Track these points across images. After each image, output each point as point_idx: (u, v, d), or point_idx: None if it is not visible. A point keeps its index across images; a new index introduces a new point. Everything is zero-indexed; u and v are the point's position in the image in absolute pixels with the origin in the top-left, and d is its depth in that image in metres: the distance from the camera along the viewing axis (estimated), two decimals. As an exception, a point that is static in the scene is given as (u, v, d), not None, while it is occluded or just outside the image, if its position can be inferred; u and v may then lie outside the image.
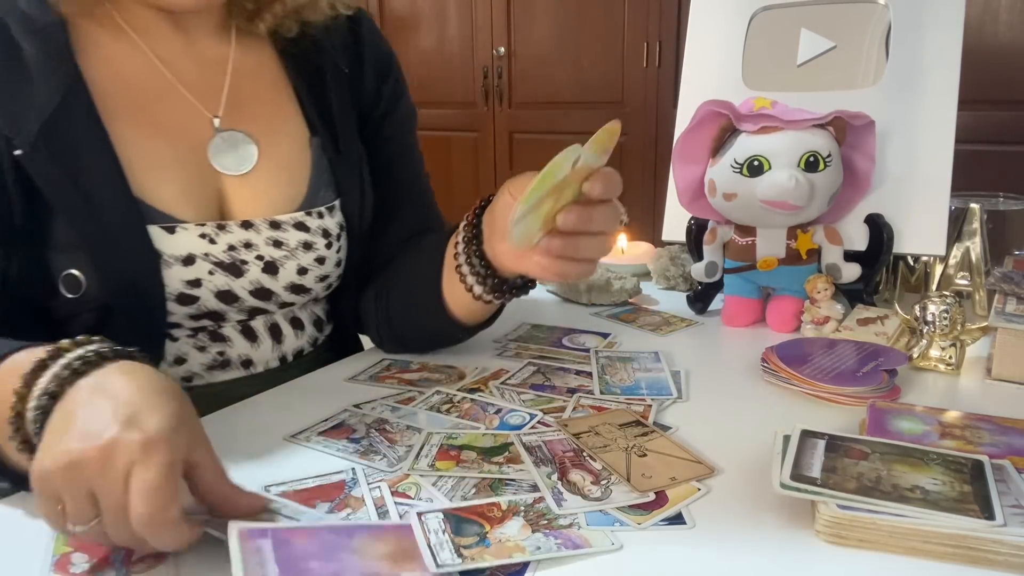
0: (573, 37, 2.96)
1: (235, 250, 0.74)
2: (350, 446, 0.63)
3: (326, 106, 0.82)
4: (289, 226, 0.77)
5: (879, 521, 0.48)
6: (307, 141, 0.81)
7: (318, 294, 0.82)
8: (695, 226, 0.96)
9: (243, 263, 0.74)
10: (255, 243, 0.75)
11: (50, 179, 0.65)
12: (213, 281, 0.73)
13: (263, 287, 0.76)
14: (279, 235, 0.77)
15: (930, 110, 0.92)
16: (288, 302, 0.79)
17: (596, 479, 0.57)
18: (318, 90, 0.82)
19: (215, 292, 0.73)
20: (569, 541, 0.50)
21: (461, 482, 0.57)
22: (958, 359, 0.77)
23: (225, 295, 0.74)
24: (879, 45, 0.97)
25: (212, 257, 0.72)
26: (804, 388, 0.72)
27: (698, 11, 1.07)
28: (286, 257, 0.77)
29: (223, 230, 0.73)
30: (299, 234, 0.78)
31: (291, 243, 0.77)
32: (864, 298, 0.91)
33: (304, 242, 0.78)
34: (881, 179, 0.92)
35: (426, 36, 3.31)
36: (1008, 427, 0.62)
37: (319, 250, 0.79)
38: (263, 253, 0.75)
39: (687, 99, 1.03)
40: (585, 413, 0.68)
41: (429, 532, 0.50)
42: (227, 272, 0.73)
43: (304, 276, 0.79)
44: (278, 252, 0.76)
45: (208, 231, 0.72)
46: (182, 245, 0.71)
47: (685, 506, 0.54)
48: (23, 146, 0.64)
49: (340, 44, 0.84)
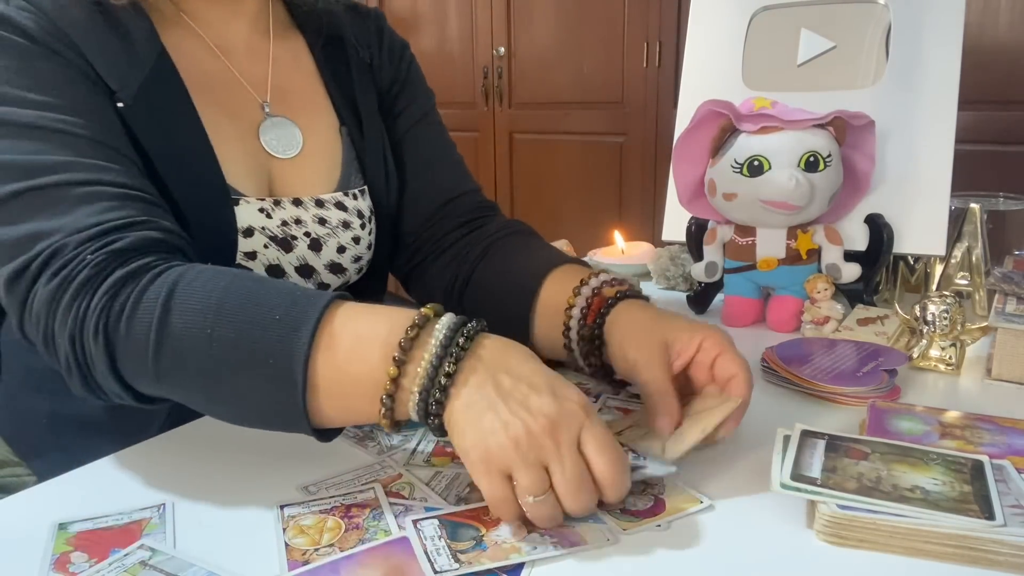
0: (573, 37, 2.96)
1: (287, 225, 0.77)
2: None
3: (352, 96, 0.86)
4: (331, 205, 0.80)
5: (879, 521, 0.48)
6: (338, 129, 0.84)
7: (350, 277, 0.84)
8: (695, 226, 0.96)
9: (293, 238, 0.77)
10: (304, 219, 0.78)
11: (149, 133, 0.68)
12: (266, 255, 0.75)
13: (307, 264, 0.78)
14: (323, 213, 0.80)
15: (930, 110, 0.92)
16: (326, 283, 0.81)
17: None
18: (345, 81, 0.86)
19: (266, 266, 0.76)
20: (565, 539, 0.50)
21: (455, 480, 0.57)
22: (958, 359, 0.77)
23: (274, 270, 0.76)
24: (879, 45, 0.97)
25: (268, 231, 0.75)
26: (804, 388, 0.72)
27: (698, 11, 1.07)
28: (328, 235, 0.80)
29: (278, 205, 0.76)
30: (339, 213, 0.81)
31: (333, 221, 0.80)
32: (864, 298, 0.91)
33: (343, 221, 0.81)
34: (881, 179, 0.92)
35: (426, 36, 3.31)
36: (1008, 427, 0.62)
37: (355, 229, 0.82)
38: (310, 230, 0.78)
39: (687, 99, 1.03)
40: (613, 415, 0.68)
41: (426, 539, 0.50)
42: (279, 247, 0.76)
43: (342, 255, 0.81)
44: (322, 229, 0.79)
45: (266, 206, 0.75)
46: (244, 217, 0.73)
47: (682, 517, 0.53)
48: (127, 99, 0.67)
49: (363, 39, 0.89)
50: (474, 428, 0.49)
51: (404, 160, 0.88)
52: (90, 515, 0.55)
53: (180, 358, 0.53)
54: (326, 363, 0.52)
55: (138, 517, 0.54)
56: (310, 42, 0.86)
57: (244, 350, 0.52)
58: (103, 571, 0.48)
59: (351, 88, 0.86)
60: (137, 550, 0.50)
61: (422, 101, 0.92)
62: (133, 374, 0.56)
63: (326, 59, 0.86)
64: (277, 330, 0.52)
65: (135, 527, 0.53)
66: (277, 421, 0.55)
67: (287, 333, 0.52)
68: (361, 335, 0.52)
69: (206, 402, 0.56)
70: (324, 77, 0.85)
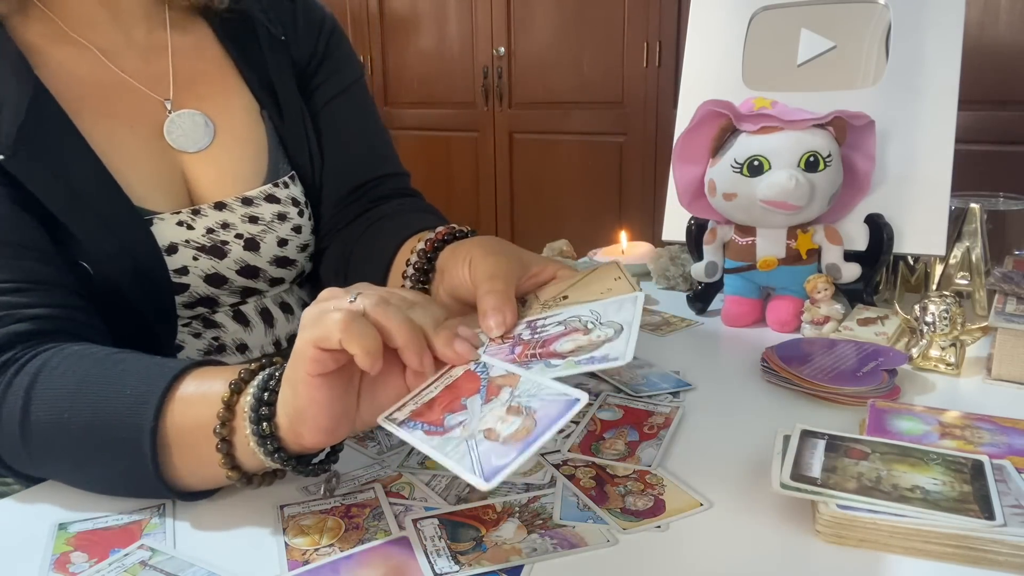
0: (573, 37, 2.96)
1: (214, 232, 0.75)
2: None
3: (267, 77, 0.82)
4: (261, 200, 0.78)
5: (879, 521, 0.48)
6: (259, 114, 0.81)
7: (304, 266, 0.83)
8: (695, 226, 0.96)
9: (224, 244, 0.75)
10: (231, 222, 0.76)
11: (36, 179, 0.65)
12: (199, 266, 0.74)
13: (248, 265, 0.77)
14: (253, 211, 0.77)
15: (930, 110, 0.92)
16: (277, 278, 0.80)
17: None
18: (257, 62, 0.82)
19: (203, 277, 0.74)
20: (565, 541, 0.50)
21: (454, 482, 0.57)
22: (958, 359, 0.77)
23: (214, 278, 0.75)
24: (879, 45, 0.97)
25: (193, 243, 0.73)
26: (804, 388, 0.72)
27: (698, 11, 1.07)
28: (264, 231, 0.78)
29: (198, 214, 0.74)
30: (271, 206, 0.79)
31: (266, 216, 0.78)
32: (864, 298, 0.91)
33: (278, 214, 0.79)
34: (881, 179, 0.92)
35: (426, 36, 3.31)
36: (1008, 427, 0.62)
37: (293, 219, 0.80)
38: (241, 231, 0.76)
39: (687, 99, 1.03)
40: (614, 413, 0.68)
41: (425, 539, 0.50)
42: (211, 255, 0.74)
43: (286, 248, 0.79)
44: (256, 228, 0.77)
45: (184, 218, 0.73)
46: (164, 235, 0.72)
47: (682, 517, 0.53)
48: (4, 151, 0.64)
49: (273, 12, 0.84)
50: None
51: (321, 138, 0.85)
52: (90, 515, 0.55)
53: (46, 444, 0.55)
54: (172, 428, 0.52)
55: (138, 517, 0.54)
56: (215, 27, 0.82)
57: (98, 429, 0.53)
58: (103, 571, 0.48)
59: (264, 68, 0.82)
60: (137, 550, 0.50)
61: (344, 75, 0.87)
62: (14, 461, 0.58)
63: (233, 41, 0.81)
64: (127, 405, 0.53)
65: (135, 527, 0.53)
66: (143, 490, 0.55)
67: (135, 407, 0.52)
68: (203, 393, 0.53)
69: (83, 481, 0.58)
70: (235, 60, 0.81)
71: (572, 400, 0.44)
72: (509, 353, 0.52)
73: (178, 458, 0.53)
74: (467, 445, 0.45)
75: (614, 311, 0.53)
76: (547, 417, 0.44)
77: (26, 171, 0.65)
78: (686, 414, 0.68)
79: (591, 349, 0.50)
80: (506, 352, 0.53)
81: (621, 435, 0.64)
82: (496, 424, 0.45)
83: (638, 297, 0.54)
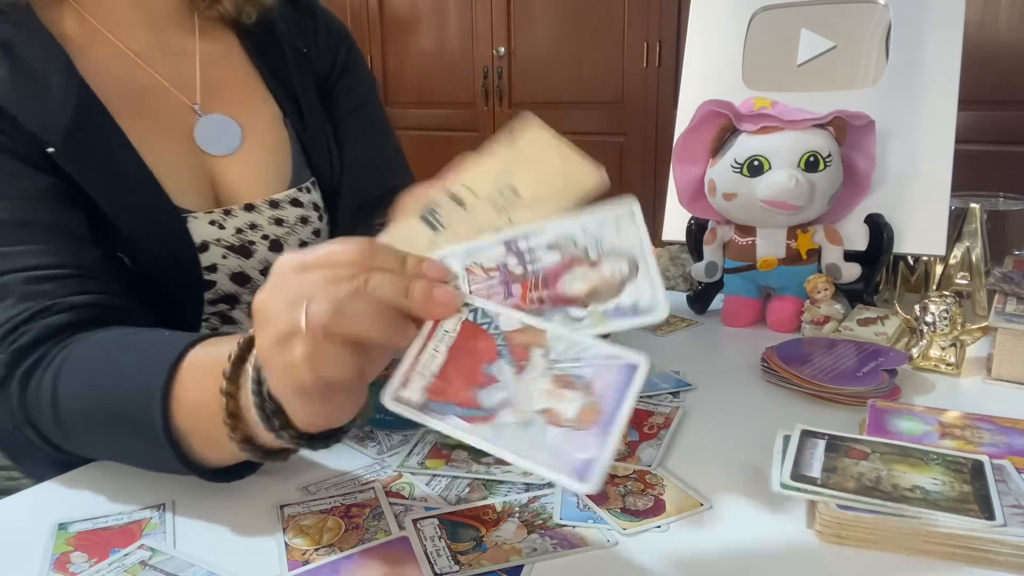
0: (573, 37, 2.96)
1: (243, 232, 0.76)
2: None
3: (290, 87, 0.84)
4: (286, 203, 0.80)
5: (879, 521, 0.48)
6: (282, 121, 0.83)
7: None
8: (695, 226, 0.96)
9: (251, 244, 0.77)
10: (259, 224, 0.78)
11: (85, 172, 0.67)
12: (227, 265, 0.75)
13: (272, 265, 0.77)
14: (279, 213, 0.79)
15: (930, 110, 0.92)
16: None
17: None
18: (281, 72, 0.84)
19: (230, 275, 0.76)
20: (565, 541, 0.50)
21: (454, 482, 0.57)
22: (958, 359, 0.77)
23: (239, 277, 0.77)
24: (879, 45, 0.97)
25: (224, 242, 0.75)
26: (804, 388, 0.72)
27: (698, 11, 1.07)
28: (288, 233, 0.80)
29: (229, 215, 0.76)
30: (295, 210, 0.80)
31: (290, 219, 0.80)
32: (864, 298, 0.91)
33: (301, 217, 0.81)
34: (881, 179, 0.92)
35: (426, 36, 3.31)
36: (1008, 427, 0.62)
37: (314, 223, 0.82)
38: (268, 232, 0.78)
39: (687, 99, 1.03)
40: None
41: (425, 540, 0.50)
42: (238, 255, 0.76)
43: None
44: (280, 230, 0.79)
45: (216, 217, 0.75)
46: (197, 233, 0.73)
47: (682, 518, 0.53)
48: (56, 144, 0.66)
49: (297, 26, 0.87)
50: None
51: (340, 148, 0.88)
52: (90, 515, 0.55)
53: (81, 435, 0.58)
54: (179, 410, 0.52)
55: (138, 517, 0.55)
56: (241, 36, 0.84)
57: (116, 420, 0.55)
58: (103, 571, 0.48)
59: (288, 79, 0.84)
60: (137, 550, 0.50)
61: (362, 89, 0.91)
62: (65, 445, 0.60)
63: (259, 52, 0.84)
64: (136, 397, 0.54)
65: (135, 527, 0.53)
66: (172, 468, 0.55)
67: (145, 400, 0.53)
68: (206, 368, 0.52)
69: (128, 461, 0.59)
70: (260, 69, 0.84)
71: (631, 365, 0.37)
72: (507, 294, 0.43)
73: (199, 447, 0.53)
74: (529, 435, 0.37)
75: (612, 231, 0.43)
76: (611, 390, 0.37)
77: (76, 163, 0.67)
78: (686, 414, 0.68)
79: (610, 293, 0.41)
80: (501, 292, 0.44)
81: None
82: (551, 402, 0.38)
83: (635, 211, 0.43)
